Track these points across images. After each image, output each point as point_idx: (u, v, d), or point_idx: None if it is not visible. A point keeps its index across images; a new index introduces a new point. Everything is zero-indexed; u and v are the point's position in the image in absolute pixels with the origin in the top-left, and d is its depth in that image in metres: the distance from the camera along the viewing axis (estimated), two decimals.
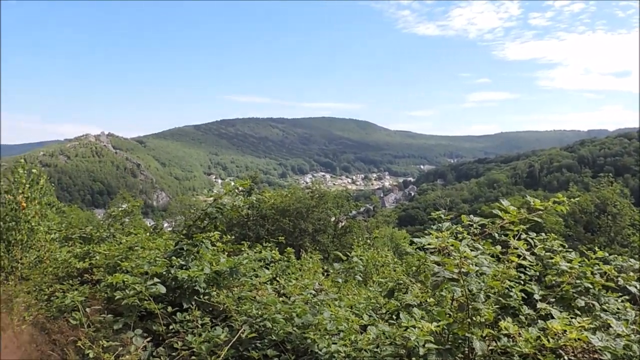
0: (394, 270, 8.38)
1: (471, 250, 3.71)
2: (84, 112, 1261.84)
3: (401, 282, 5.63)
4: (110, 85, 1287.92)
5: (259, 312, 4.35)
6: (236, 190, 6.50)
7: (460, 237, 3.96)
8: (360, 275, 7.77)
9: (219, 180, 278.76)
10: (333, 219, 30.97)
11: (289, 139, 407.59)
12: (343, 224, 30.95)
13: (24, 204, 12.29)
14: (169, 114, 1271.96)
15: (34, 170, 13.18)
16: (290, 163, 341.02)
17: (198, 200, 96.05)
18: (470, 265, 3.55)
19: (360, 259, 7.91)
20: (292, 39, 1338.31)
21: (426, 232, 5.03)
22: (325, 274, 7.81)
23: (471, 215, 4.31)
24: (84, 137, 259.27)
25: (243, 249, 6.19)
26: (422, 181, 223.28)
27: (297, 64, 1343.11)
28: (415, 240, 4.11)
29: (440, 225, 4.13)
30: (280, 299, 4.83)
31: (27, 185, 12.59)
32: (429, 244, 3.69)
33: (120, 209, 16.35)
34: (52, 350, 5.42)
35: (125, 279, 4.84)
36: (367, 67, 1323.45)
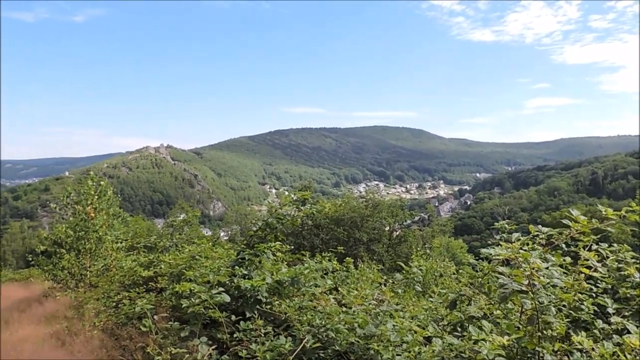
0: (457, 281, 8.20)
1: (542, 261, 3.58)
2: (145, 126, 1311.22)
3: (463, 293, 5.50)
4: (169, 100, 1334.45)
5: (322, 322, 4.35)
6: (294, 201, 6.55)
7: (530, 248, 3.83)
8: (419, 286, 7.66)
9: (273, 190, 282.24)
10: (387, 228, 30.70)
11: (342, 148, 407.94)
12: (397, 233, 30.61)
13: (93, 215, 12.93)
14: (224, 125, 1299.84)
15: (102, 183, 13.86)
16: (344, 172, 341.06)
17: (253, 210, 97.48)
18: (541, 277, 3.43)
19: (420, 269, 7.80)
20: (345, 50, 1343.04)
21: (488, 242, 4.90)
22: (383, 284, 7.74)
23: (539, 225, 4.16)
24: (144, 150, 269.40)
25: (304, 259, 6.22)
26: (479, 189, 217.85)
27: (350, 74, 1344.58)
28: (483, 250, 3.99)
29: (508, 235, 4.01)
30: (342, 309, 4.82)
31: (96, 197, 13.27)
32: (497, 255, 3.59)
33: (179, 218, 16.85)
34: (121, 356, 5.60)
35: (192, 288, 4.95)
36: (420, 75, 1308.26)
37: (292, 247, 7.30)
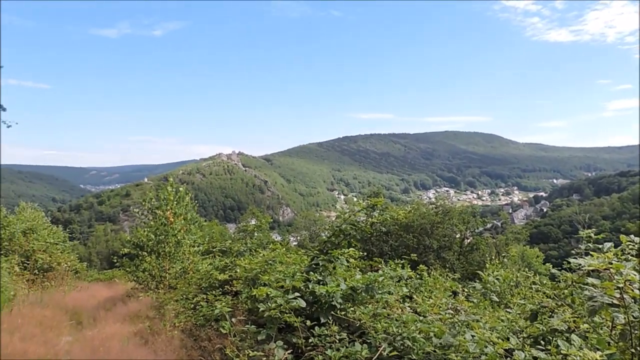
0: (535, 292, 7.86)
1: (635, 273, 3.37)
2: (218, 133, 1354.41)
3: (545, 304, 5.27)
4: (241, 108, 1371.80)
5: (398, 330, 4.31)
6: (367, 207, 6.54)
7: (622, 259, 3.62)
8: (496, 296, 7.41)
9: (342, 196, 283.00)
10: (458, 235, 29.96)
11: (411, 154, 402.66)
12: (469, 240, 29.80)
13: (172, 219, 13.50)
14: (294, 132, 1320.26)
15: (180, 189, 14.46)
16: (413, 178, 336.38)
17: (322, 216, 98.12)
18: (635, 290, 3.23)
19: (497, 279, 7.55)
20: (415, 54, 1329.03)
21: (572, 251, 4.67)
22: (458, 293, 7.56)
23: (632, 235, 3.92)
24: (217, 156, 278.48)
25: (380, 265, 6.19)
26: (556, 196, 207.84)
27: (420, 79, 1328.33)
28: (572, 260, 3.81)
29: (595, 245, 3.80)
30: (418, 317, 4.75)
31: (175, 202, 13.85)
32: (589, 266, 3.41)
33: (250, 224, 17.24)
34: (200, 356, 5.80)
35: (269, 292, 5.05)
36: (493, 78, 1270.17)
37: (363, 253, 7.28)
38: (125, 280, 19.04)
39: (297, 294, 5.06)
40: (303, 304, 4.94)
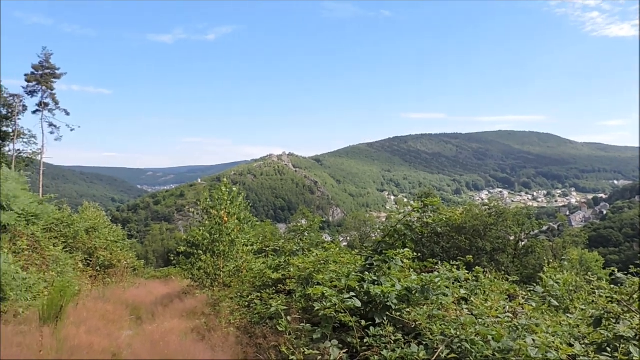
0: (598, 297, 7.54)
1: None
2: (269, 135, 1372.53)
3: (609, 310, 5.06)
4: (291, 109, 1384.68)
5: (456, 332, 4.25)
6: (420, 208, 6.47)
7: None
8: (555, 300, 7.17)
9: (392, 197, 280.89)
10: (513, 237, 29.20)
11: (463, 154, 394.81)
12: (524, 243, 28.99)
13: (226, 219, 13.79)
14: (344, 133, 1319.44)
15: (234, 189, 14.76)
16: (465, 179, 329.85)
17: (372, 216, 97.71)
18: None
19: (557, 283, 7.30)
20: (467, 53, 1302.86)
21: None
22: (515, 296, 7.35)
23: None
24: (268, 157, 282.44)
25: (437, 267, 6.12)
26: (617, 198, 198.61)
27: (472, 78, 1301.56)
28: None
29: None
30: (477, 320, 4.66)
31: (229, 202, 14.15)
32: None
33: (301, 223, 17.37)
34: (256, 353, 5.90)
35: (324, 291, 5.08)
36: (549, 75, 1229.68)
37: (417, 254, 7.21)
38: (181, 278, 19.58)
39: (352, 293, 5.06)
40: (358, 303, 4.95)
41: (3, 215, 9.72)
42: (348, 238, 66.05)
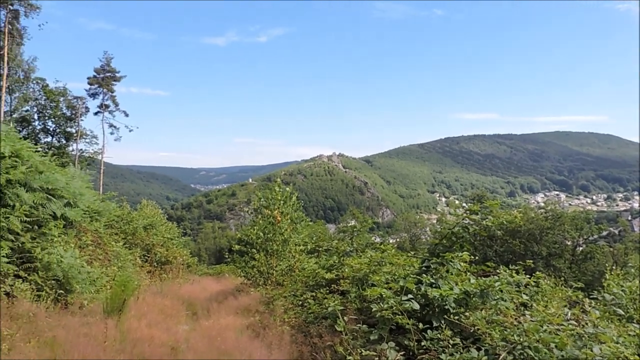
0: None
1: None
2: (319, 136, 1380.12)
3: None
4: (341, 110, 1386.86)
5: (519, 339, 4.13)
6: (480, 210, 6.33)
7: None
8: (621, 309, 6.86)
9: (443, 199, 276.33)
10: (570, 242, 28.17)
11: (518, 155, 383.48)
12: (582, 248, 27.93)
13: (279, 218, 13.97)
14: (394, 133, 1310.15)
15: (287, 189, 14.93)
16: (519, 181, 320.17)
17: (422, 218, 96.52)
18: None
19: (623, 291, 6.99)
20: (522, 52, 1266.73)
21: None
22: (578, 302, 7.09)
23: None
24: (318, 158, 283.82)
25: (499, 271, 5.98)
26: None
27: (526, 78, 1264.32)
28: None
29: None
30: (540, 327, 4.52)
31: (282, 202, 14.32)
32: None
33: (350, 224, 17.37)
34: (312, 352, 5.94)
35: (382, 293, 5.06)
36: (610, 74, 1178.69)
37: (475, 257, 7.06)
38: (234, 276, 19.94)
39: (410, 295, 5.02)
40: (416, 306, 4.91)
41: (70, 212, 10.17)
42: (397, 239, 65.49)
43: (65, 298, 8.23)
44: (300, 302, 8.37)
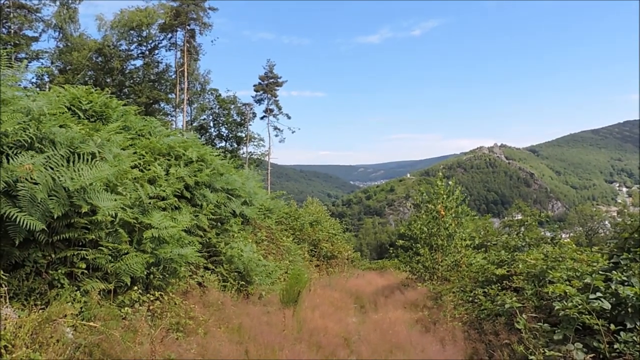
0: None
1: None
2: (479, 127, 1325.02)
3: None
4: (503, 99, 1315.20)
5: None
6: None
7: None
8: None
9: (624, 189, 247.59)
10: None
11: None
12: None
13: (443, 213, 13.72)
14: (562, 120, 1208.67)
15: (450, 183, 14.60)
16: None
17: (599, 210, 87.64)
18: None
19: None
20: None
21: None
22: None
23: None
24: (478, 150, 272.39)
25: None
26: None
27: None
28: None
29: None
30: None
31: (445, 196, 14.04)
32: None
33: (516, 218, 16.39)
34: (488, 349, 5.75)
35: (567, 290, 4.72)
36: None
37: None
38: (398, 270, 20.05)
39: (599, 294, 4.61)
40: (607, 305, 4.48)
41: (247, 210, 11.11)
42: (571, 234, 60.36)
43: (246, 289, 9.00)
44: (471, 298, 8.14)
